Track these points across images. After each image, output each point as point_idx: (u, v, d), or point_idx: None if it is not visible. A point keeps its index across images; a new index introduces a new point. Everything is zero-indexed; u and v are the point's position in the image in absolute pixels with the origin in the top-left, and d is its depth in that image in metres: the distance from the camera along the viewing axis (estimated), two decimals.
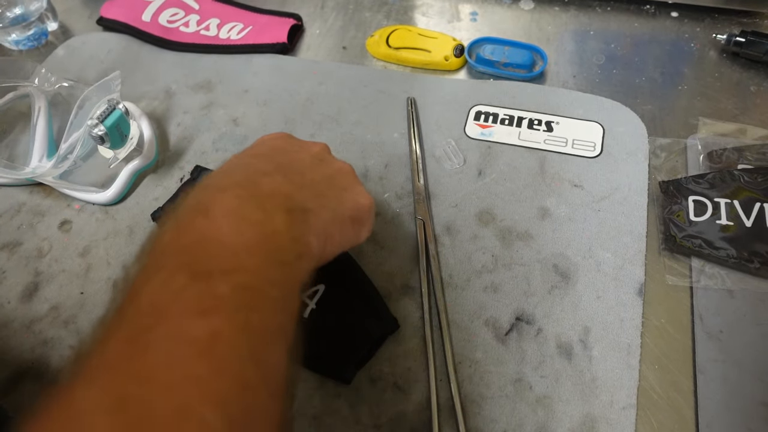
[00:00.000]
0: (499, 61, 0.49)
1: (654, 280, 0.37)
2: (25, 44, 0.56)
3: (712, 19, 0.52)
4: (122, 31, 0.56)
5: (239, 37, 0.54)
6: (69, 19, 0.59)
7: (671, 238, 0.38)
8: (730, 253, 0.37)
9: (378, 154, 0.45)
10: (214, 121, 0.49)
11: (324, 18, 0.57)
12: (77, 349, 0.36)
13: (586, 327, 0.36)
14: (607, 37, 0.52)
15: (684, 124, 0.45)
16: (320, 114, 0.48)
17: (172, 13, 0.56)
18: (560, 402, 0.33)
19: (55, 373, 0.36)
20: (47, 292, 0.40)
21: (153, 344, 0.20)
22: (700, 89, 0.47)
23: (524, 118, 0.46)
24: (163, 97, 0.51)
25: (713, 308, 0.36)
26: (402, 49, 0.52)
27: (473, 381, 0.34)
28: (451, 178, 0.43)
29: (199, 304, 0.21)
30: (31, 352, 0.37)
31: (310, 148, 0.34)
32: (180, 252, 0.23)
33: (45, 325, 0.38)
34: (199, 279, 0.22)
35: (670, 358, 0.34)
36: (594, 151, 0.44)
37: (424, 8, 0.57)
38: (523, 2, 0.56)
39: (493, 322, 0.36)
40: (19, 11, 0.54)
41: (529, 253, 0.39)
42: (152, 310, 0.21)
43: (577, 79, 0.49)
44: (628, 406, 0.33)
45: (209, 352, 0.20)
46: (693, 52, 0.50)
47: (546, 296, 0.37)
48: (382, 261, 0.39)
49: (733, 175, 0.40)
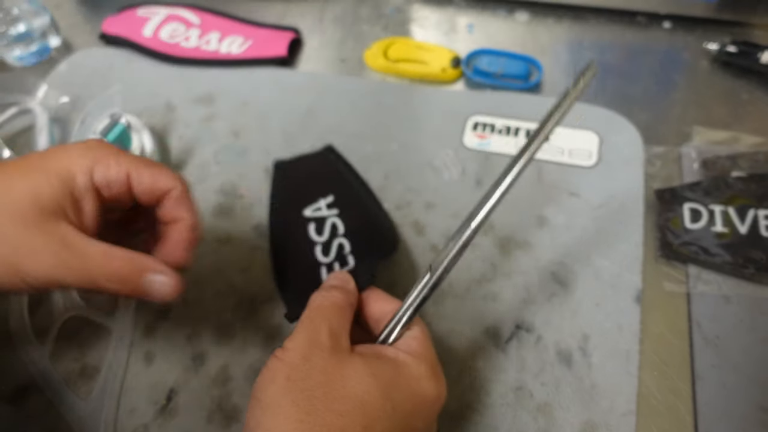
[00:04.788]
0: (496, 72, 0.50)
1: (651, 287, 0.38)
2: (28, 60, 0.57)
3: (703, 30, 0.53)
4: (124, 46, 0.57)
5: (240, 50, 0.55)
6: (71, 35, 0.60)
7: (668, 245, 0.39)
8: (725, 259, 0.37)
9: (377, 166, 0.46)
10: (215, 134, 0.49)
11: (323, 31, 0.58)
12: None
13: (585, 334, 0.36)
14: (601, 47, 0.53)
15: (678, 132, 0.45)
16: (320, 126, 0.49)
17: (173, 28, 0.57)
18: (561, 409, 0.34)
19: (58, 386, 0.36)
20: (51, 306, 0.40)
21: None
22: (694, 98, 0.48)
23: (521, 128, 0.47)
24: (165, 110, 0.51)
25: (710, 314, 0.36)
26: (400, 61, 0.52)
27: (474, 389, 0.35)
28: (449, 188, 0.44)
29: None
30: (35, 365, 0.37)
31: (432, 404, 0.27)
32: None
33: (50, 337, 0.38)
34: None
35: (668, 364, 0.35)
36: (590, 160, 0.44)
37: (421, 21, 0.58)
38: (519, 14, 0.57)
39: (493, 331, 0.37)
40: (23, 28, 0.55)
41: (528, 262, 0.39)
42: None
43: None
44: (628, 412, 0.33)
45: None
46: (686, 62, 0.51)
47: (545, 304, 0.38)
48: (383, 270, 0.40)
49: (727, 183, 0.40)
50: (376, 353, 0.27)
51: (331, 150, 0.47)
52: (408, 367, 0.27)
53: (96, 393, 0.36)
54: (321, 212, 0.42)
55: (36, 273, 0.26)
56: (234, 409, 0.35)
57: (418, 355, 0.27)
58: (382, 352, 0.27)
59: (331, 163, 0.46)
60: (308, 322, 0.27)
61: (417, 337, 0.28)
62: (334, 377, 0.25)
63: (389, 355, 0.27)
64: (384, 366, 0.26)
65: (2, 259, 0.26)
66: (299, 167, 0.46)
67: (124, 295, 0.29)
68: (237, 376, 0.36)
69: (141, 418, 0.35)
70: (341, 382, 0.25)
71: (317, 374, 0.25)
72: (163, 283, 0.28)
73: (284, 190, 0.45)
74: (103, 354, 0.38)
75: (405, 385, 0.26)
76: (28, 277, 0.26)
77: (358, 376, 0.25)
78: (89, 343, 0.38)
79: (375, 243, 0.40)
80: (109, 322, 0.39)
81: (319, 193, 0.43)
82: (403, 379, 0.26)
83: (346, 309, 0.29)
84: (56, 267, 0.26)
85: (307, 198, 0.43)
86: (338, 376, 0.25)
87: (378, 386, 0.25)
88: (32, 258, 0.26)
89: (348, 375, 0.25)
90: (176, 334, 0.38)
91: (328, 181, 0.44)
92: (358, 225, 0.41)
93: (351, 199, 0.43)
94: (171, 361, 0.37)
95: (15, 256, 0.26)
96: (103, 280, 0.27)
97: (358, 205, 0.42)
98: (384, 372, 0.26)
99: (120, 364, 0.37)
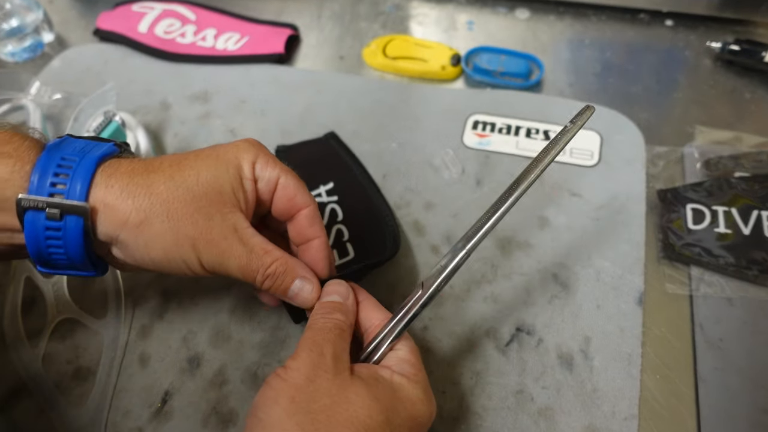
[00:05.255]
0: (496, 70, 0.50)
1: (653, 288, 0.37)
2: (21, 56, 0.56)
3: (706, 28, 0.52)
4: (119, 42, 0.56)
5: (236, 47, 0.54)
6: (65, 31, 0.59)
7: (670, 247, 0.38)
8: (728, 261, 0.37)
9: (376, 165, 0.45)
10: (211, 132, 0.48)
11: (321, 28, 0.57)
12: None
13: (586, 337, 0.36)
14: (602, 45, 0.52)
15: (680, 132, 0.45)
16: (317, 124, 0.48)
17: (168, 24, 0.56)
18: (562, 413, 0.33)
19: (51, 389, 0.36)
20: None
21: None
22: (696, 97, 0.47)
23: (522, 127, 0.46)
24: (160, 108, 0.51)
25: (713, 316, 0.36)
26: (399, 58, 0.52)
27: (475, 392, 0.34)
28: (449, 188, 0.43)
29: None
30: (26, 369, 0.37)
31: None
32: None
33: (41, 340, 0.38)
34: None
35: (671, 367, 0.34)
36: (592, 159, 0.44)
37: (420, 18, 0.57)
38: (519, 11, 0.56)
39: (493, 333, 0.36)
40: (16, 23, 0.54)
41: (529, 263, 0.39)
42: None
43: (573, 87, 0.49)
44: (630, 416, 0.33)
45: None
46: (688, 61, 0.50)
47: (546, 306, 0.37)
48: (383, 271, 0.39)
49: (730, 183, 0.40)
50: (374, 376, 0.27)
51: (333, 136, 0.47)
52: (405, 390, 0.27)
53: (91, 400, 0.35)
54: (320, 198, 0.42)
55: (209, 257, 0.28)
56: (230, 412, 0.34)
57: (412, 377, 0.28)
58: (379, 375, 0.27)
59: (333, 150, 0.46)
60: (311, 343, 0.27)
61: (409, 360, 0.29)
62: (339, 400, 0.25)
63: (386, 377, 0.27)
64: (384, 390, 0.26)
65: (192, 241, 0.27)
66: (301, 152, 0.46)
67: (267, 292, 0.30)
68: (233, 379, 0.36)
69: (135, 420, 0.34)
70: (345, 405, 0.25)
71: (322, 397, 0.25)
72: (309, 291, 0.30)
73: None
74: (96, 356, 0.37)
75: (402, 409, 0.26)
76: (204, 259, 0.28)
77: (360, 400, 0.25)
78: (82, 344, 0.37)
79: (375, 235, 0.40)
80: (102, 323, 0.38)
81: (320, 180, 0.43)
82: (401, 404, 0.26)
83: (347, 331, 0.29)
84: (224, 253, 0.28)
85: (308, 184, 0.43)
86: (342, 398, 0.25)
87: (380, 410, 0.25)
88: (210, 242, 0.27)
89: (351, 399, 0.25)
90: (172, 336, 0.37)
91: (328, 167, 0.44)
92: (358, 212, 0.41)
93: (351, 186, 0.43)
94: (166, 363, 0.36)
95: (200, 240, 0.27)
96: (258, 275, 0.28)
97: (358, 193, 0.42)
98: (384, 396, 0.26)
99: (114, 367, 0.36)
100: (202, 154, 0.29)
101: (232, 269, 0.28)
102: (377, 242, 0.39)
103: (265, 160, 0.30)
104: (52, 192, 0.25)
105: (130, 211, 0.26)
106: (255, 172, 0.30)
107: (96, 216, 0.26)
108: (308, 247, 0.32)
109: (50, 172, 0.25)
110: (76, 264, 0.27)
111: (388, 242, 0.39)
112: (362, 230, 0.40)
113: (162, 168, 0.28)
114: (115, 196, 0.26)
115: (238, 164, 0.29)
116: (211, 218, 0.27)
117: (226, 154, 0.29)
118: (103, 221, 0.26)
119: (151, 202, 0.27)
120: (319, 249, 0.32)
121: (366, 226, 0.40)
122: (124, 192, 0.26)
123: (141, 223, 0.26)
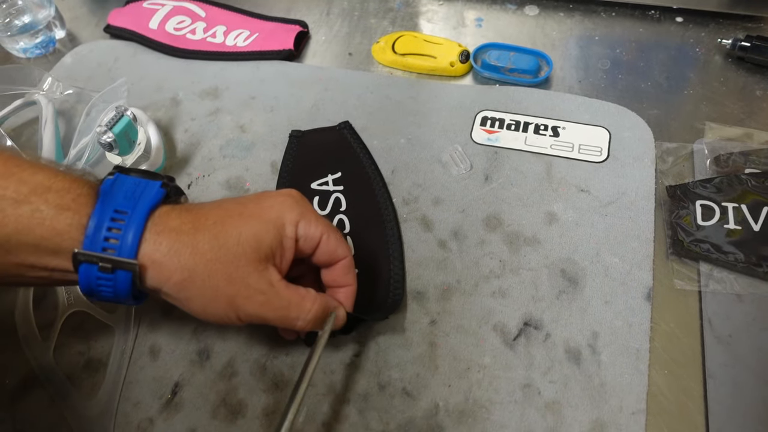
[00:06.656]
0: (505, 66, 0.50)
1: (662, 284, 0.37)
2: (33, 52, 0.57)
3: (716, 24, 0.52)
4: (129, 38, 0.57)
5: (246, 44, 0.55)
6: (76, 27, 0.60)
7: (679, 243, 0.38)
8: (738, 257, 0.37)
9: (384, 160, 0.45)
10: (221, 128, 0.49)
11: (330, 25, 0.57)
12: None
13: (594, 332, 0.36)
14: (612, 42, 0.52)
15: (690, 128, 0.45)
16: (326, 120, 0.48)
17: (178, 21, 0.57)
18: (569, 407, 0.33)
19: (62, 380, 0.36)
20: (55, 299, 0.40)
21: None
22: (706, 94, 0.47)
23: (530, 124, 0.46)
24: (170, 103, 0.51)
25: (722, 312, 0.36)
26: (408, 55, 0.52)
27: (482, 386, 0.34)
28: (458, 184, 0.43)
29: None
30: (37, 361, 0.37)
31: None
32: None
33: (53, 333, 0.38)
34: None
35: (679, 362, 0.34)
36: (600, 155, 0.44)
37: (429, 14, 0.57)
38: (528, 8, 0.56)
39: (501, 327, 0.36)
40: (28, 19, 0.55)
41: (537, 258, 0.39)
42: None
43: (582, 84, 0.49)
44: (638, 411, 0.33)
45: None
46: (698, 57, 0.50)
47: (554, 301, 0.37)
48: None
49: (740, 180, 0.40)
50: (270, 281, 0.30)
51: (347, 125, 0.47)
52: None
53: (102, 392, 0.36)
54: (327, 186, 0.43)
55: (247, 310, 0.29)
56: (239, 403, 0.35)
57: None
58: None
59: (345, 140, 0.46)
60: None
61: None
62: None
63: None
64: None
65: (228, 299, 0.29)
66: (314, 138, 0.47)
67: (306, 329, 0.32)
68: (242, 371, 0.36)
69: (146, 411, 0.35)
70: None
71: None
72: (340, 318, 0.33)
73: (295, 160, 0.45)
74: (107, 348, 0.37)
75: None
76: (241, 313, 0.29)
77: None
78: (93, 337, 0.38)
79: (374, 224, 0.41)
80: (113, 316, 0.39)
81: (329, 168, 0.44)
82: None
83: None
84: (263, 305, 0.29)
85: (317, 171, 0.44)
86: None
87: None
88: (248, 298, 0.29)
89: None
90: (182, 328, 0.38)
91: (338, 157, 0.45)
92: (360, 204, 0.42)
93: (358, 178, 0.44)
94: (176, 355, 0.37)
95: (238, 297, 0.29)
96: (300, 322, 0.31)
97: (365, 187, 0.43)
98: None
99: (124, 358, 0.37)
100: (246, 211, 0.30)
101: (271, 319, 0.30)
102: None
103: (308, 220, 0.31)
104: (105, 246, 0.27)
105: (175, 269, 0.28)
106: (297, 232, 0.31)
107: (144, 271, 0.28)
108: (337, 291, 0.34)
109: (104, 227, 0.27)
110: (121, 299, 0.29)
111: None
112: (362, 221, 0.41)
113: (207, 226, 0.29)
114: (163, 253, 0.28)
115: (281, 224, 0.30)
116: (249, 275, 0.29)
117: (270, 213, 0.31)
118: (150, 276, 0.28)
119: (195, 262, 0.28)
120: (347, 296, 0.34)
121: (366, 218, 0.41)
122: (171, 250, 0.28)
123: (184, 280, 0.28)
